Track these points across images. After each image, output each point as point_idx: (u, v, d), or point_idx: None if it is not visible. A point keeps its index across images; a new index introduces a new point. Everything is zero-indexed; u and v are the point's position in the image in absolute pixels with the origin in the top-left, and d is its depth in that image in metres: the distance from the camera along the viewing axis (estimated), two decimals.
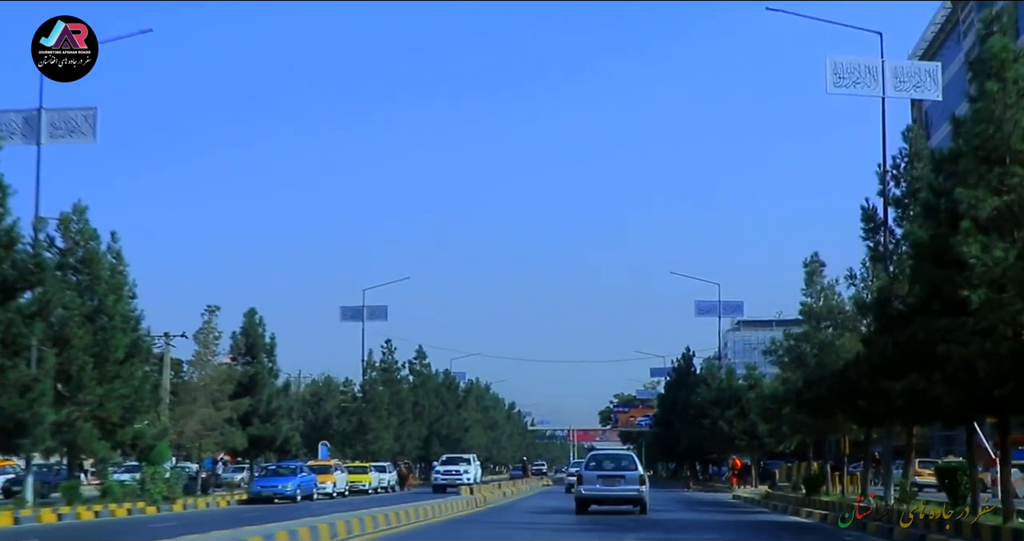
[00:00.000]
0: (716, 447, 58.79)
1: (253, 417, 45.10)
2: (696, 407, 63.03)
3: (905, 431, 30.92)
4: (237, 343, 46.16)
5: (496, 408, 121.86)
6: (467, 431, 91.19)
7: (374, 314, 68.41)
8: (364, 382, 66.96)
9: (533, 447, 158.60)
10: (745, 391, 55.50)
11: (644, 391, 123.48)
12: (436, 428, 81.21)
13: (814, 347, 34.66)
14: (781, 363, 39.04)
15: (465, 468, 52.84)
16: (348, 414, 66.91)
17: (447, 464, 54.54)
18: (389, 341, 71.61)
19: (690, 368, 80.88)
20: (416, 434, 73.52)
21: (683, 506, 36.84)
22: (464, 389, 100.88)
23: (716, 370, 64.98)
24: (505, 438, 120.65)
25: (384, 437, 65.47)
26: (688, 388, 73.58)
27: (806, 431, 37.34)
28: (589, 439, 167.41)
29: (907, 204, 30.06)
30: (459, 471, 51.98)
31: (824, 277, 38.20)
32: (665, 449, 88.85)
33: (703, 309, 67.21)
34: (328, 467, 46.44)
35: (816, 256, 38.75)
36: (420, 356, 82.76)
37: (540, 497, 43.85)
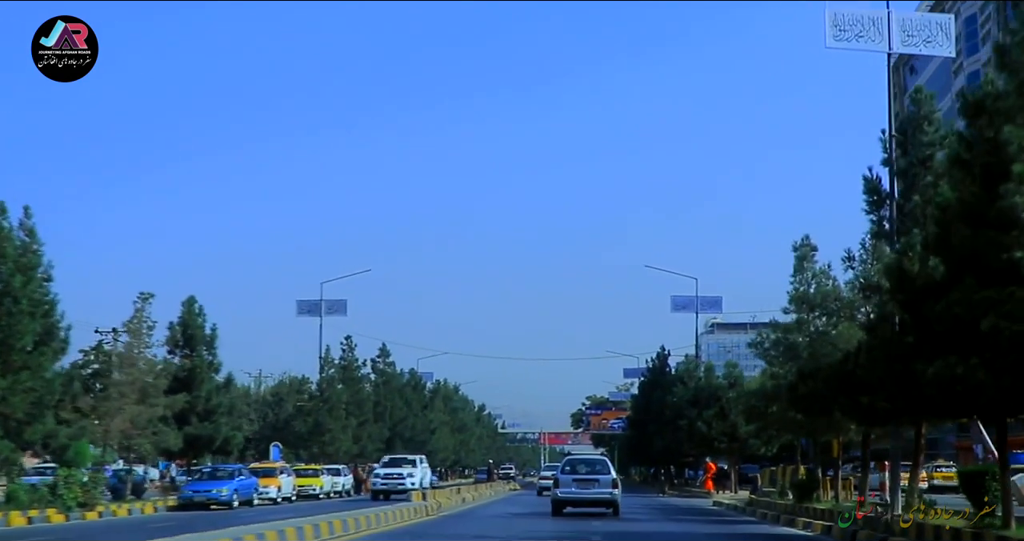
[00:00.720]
0: (693, 450, 55.06)
1: (191, 415, 41.11)
2: (672, 408, 59.41)
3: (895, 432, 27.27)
4: (173, 334, 42.09)
5: (465, 410, 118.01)
6: (433, 433, 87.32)
7: (333, 308, 64.41)
8: (321, 380, 62.86)
9: (503, 450, 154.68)
10: (725, 390, 51.86)
11: (617, 393, 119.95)
12: (400, 430, 77.28)
13: (807, 337, 31.07)
14: (768, 357, 35.49)
15: (409, 471, 44.41)
16: (304, 414, 62.83)
17: (389, 466, 45.98)
18: (349, 337, 67.67)
19: (665, 368, 77.34)
20: (377, 436, 69.50)
21: (660, 514, 33.11)
22: (431, 390, 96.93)
23: (694, 368, 61.34)
24: (474, 441, 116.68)
25: (342, 439, 61.47)
26: (663, 388, 70.08)
27: (798, 431, 33.58)
28: (561, 442, 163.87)
29: (916, 173, 26.59)
30: (401, 475, 43.85)
31: (816, 262, 34.79)
32: (639, 452, 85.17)
33: (679, 304, 63.63)
34: (272, 470, 42.45)
35: (807, 239, 35.25)
36: (383, 354, 78.87)
37: (504, 503, 39.91)
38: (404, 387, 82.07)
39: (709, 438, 51.41)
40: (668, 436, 60.72)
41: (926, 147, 26.51)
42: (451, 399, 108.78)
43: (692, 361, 62.60)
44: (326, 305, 64.12)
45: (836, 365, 26.82)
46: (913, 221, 26.14)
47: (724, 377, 53.14)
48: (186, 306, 42.68)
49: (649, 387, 77.84)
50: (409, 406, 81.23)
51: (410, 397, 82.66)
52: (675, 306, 63.61)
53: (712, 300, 64.13)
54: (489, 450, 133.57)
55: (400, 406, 78.47)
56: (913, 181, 26.65)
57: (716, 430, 51.11)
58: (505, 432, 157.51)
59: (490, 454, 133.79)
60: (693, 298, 63.24)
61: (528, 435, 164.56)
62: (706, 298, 63.70)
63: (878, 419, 25.64)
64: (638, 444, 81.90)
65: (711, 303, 63.99)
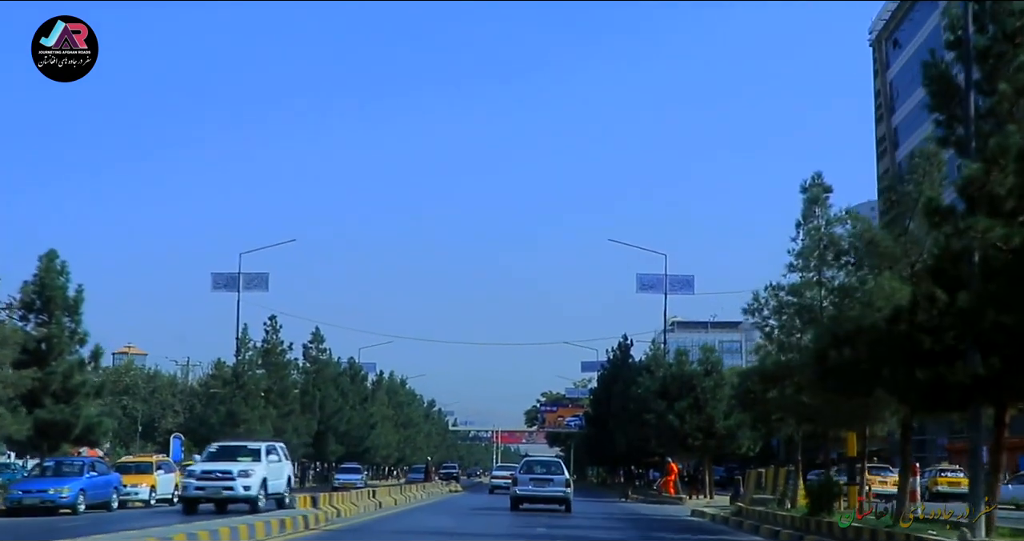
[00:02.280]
0: (662, 448, 46.79)
1: (43, 396, 32.48)
2: (637, 400, 51.37)
3: (975, 417, 19.28)
4: (26, 294, 33.35)
5: (412, 405, 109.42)
6: (373, 428, 78.82)
7: (253, 283, 55.78)
8: (238, 363, 54.11)
9: (454, 448, 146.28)
10: (700, 378, 43.89)
11: (574, 390, 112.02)
12: (333, 423, 68.75)
13: (832, 294, 23.11)
14: (766, 327, 27.59)
15: (244, 467, 26.21)
16: (216, 402, 54.16)
17: (215, 459, 27.35)
18: (274, 318, 58.99)
19: (627, 359, 69.53)
20: (305, 428, 60.90)
21: (629, 527, 25.03)
22: (373, 382, 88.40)
23: (662, 355, 53.31)
24: (421, 438, 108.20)
25: (259, 430, 52.78)
26: (626, 381, 62.21)
27: (815, 418, 25.30)
28: (515, 441, 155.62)
29: (1001, 54, 18.61)
30: (230, 473, 25.88)
31: (830, 206, 27.00)
32: (597, 452, 77.05)
33: (646, 284, 55.45)
34: (146, 465, 33.94)
35: (819, 178, 27.45)
36: (317, 339, 70.21)
37: (429, 511, 31.20)
38: (340, 377, 73.44)
39: (681, 434, 43.34)
40: (632, 433, 52.75)
41: (1017, 17, 18.60)
42: (397, 393, 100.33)
43: (660, 347, 54.54)
44: (245, 279, 55.49)
45: (883, 325, 18.92)
46: (997, 120, 18.29)
47: (699, 364, 45.07)
48: (44, 262, 33.92)
49: (610, 380, 69.95)
50: (345, 397, 72.69)
51: (347, 388, 74.07)
52: (641, 285, 55.45)
53: (683, 279, 56.01)
54: (439, 448, 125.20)
55: (334, 397, 69.97)
56: (995, 66, 18.71)
57: (690, 424, 43.09)
58: (456, 430, 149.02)
59: (440, 452, 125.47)
60: (661, 277, 55.18)
61: (481, 433, 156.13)
62: (676, 277, 55.65)
63: (947, 399, 17.69)
64: (597, 443, 73.90)
65: (682, 283, 55.83)
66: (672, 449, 45.80)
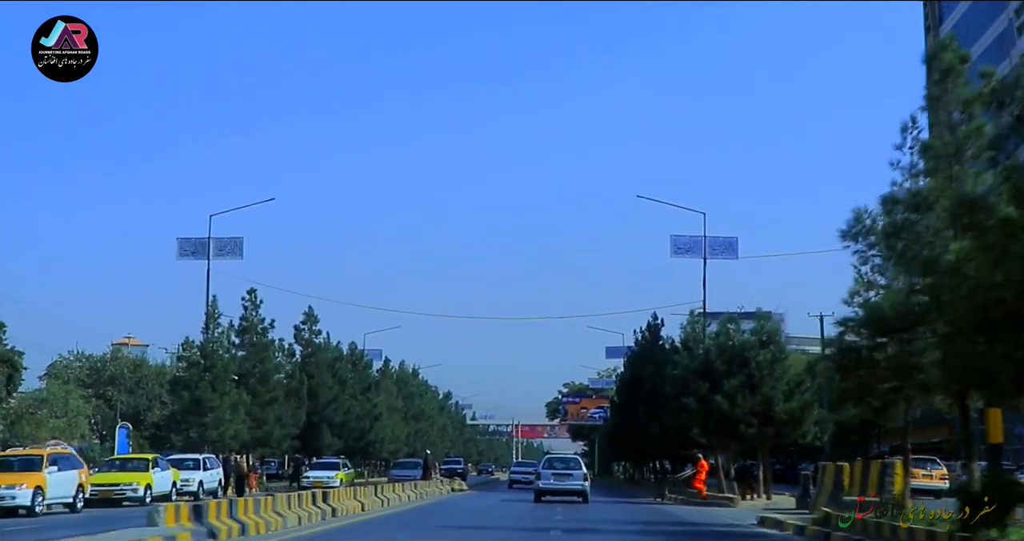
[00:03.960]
0: (710, 437, 37.70)
1: None
2: (674, 383, 42.61)
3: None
4: None
5: (425, 397, 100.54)
6: (377, 420, 70.20)
7: (224, 249, 47.43)
8: (206, 342, 45.61)
9: (473, 443, 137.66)
10: (755, 349, 35.15)
11: (597, 380, 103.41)
12: (328, 413, 60.31)
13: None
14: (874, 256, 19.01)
15: None
16: (180, 387, 45.78)
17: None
18: (253, 291, 50.29)
19: (657, 340, 60.73)
20: (291, 420, 52.53)
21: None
22: (379, 369, 79.89)
23: (702, 329, 44.50)
24: (435, 432, 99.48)
25: (230, 420, 44.52)
26: (657, 363, 53.52)
27: (997, 380, 16.28)
28: (536, 436, 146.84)
29: None
30: None
31: (967, 83, 18.52)
32: (624, 445, 68.17)
33: (682, 247, 46.70)
34: (31, 460, 25.49)
35: (952, 41, 18.89)
36: (310, 319, 61.71)
37: (395, 523, 22.47)
38: (337, 362, 64.91)
39: (732, 419, 34.59)
40: (667, 421, 43.99)
41: None
42: (407, 383, 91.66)
43: (699, 320, 45.70)
44: (217, 245, 47.15)
45: None
46: None
47: (753, 332, 36.25)
48: None
49: (639, 363, 61.06)
50: (343, 385, 64.24)
51: (345, 375, 65.60)
52: (676, 249, 46.67)
53: (724, 242, 47.21)
54: (455, 443, 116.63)
55: (330, 384, 61.51)
56: None
57: (742, 408, 34.34)
58: (475, 424, 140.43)
59: (456, 448, 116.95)
60: (699, 239, 46.47)
61: (501, 427, 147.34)
62: (717, 239, 46.90)
63: None
64: (624, 435, 65.09)
65: (723, 246, 47.03)
66: (719, 439, 37.02)
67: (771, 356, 34.59)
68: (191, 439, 43.49)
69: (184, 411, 44.50)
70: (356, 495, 26.19)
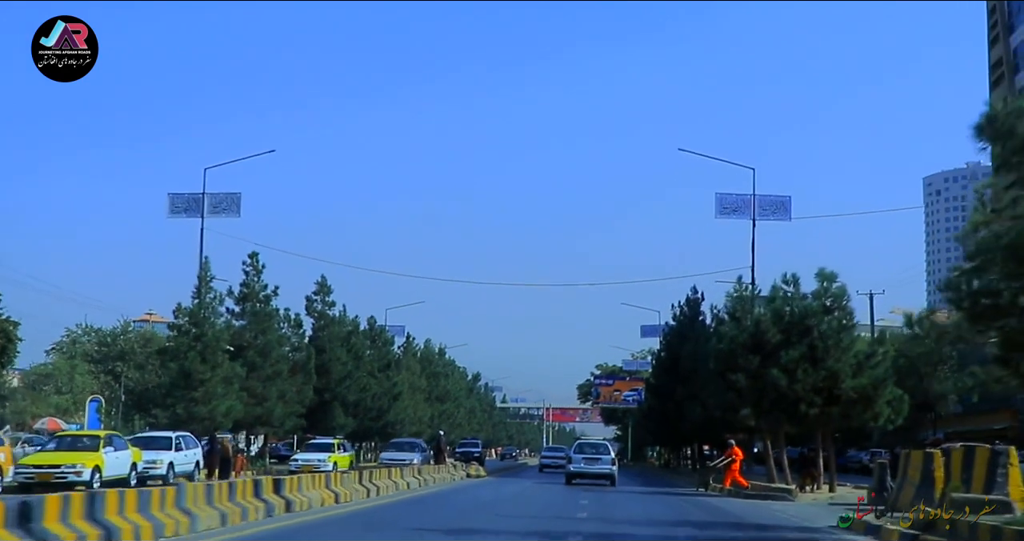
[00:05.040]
0: (763, 418, 31.82)
1: None
2: (721, 357, 37.05)
3: None
4: None
5: (452, 377, 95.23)
6: (396, 399, 64.98)
7: (220, 206, 42.37)
8: (196, 308, 40.42)
9: (503, 427, 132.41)
10: (819, 315, 29.53)
11: (631, 362, 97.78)
12: (341, 391, 55.21)
13: None
14: None
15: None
16: (167, 358, 40.74)
17: None
18: (255, 255, 45.08)
19: (697, 315, 55.25)
20: (296, 397, 47.38)
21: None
22: (400, 346, 74.66)
23: (750, 298, 38.80)
24: (462, 414, 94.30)
25: (222, 395, 39.41)
26: (697, 340, 48.18)
27: None
28: (568, 420, 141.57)
29: None
30: None
31: None
32: (660, 428, 62.64)
33: (729, 206, 41.14)
34: None
35: None
36: (323, 290, 56.61)
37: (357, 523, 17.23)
38: (352, 336, 59.72)
39: (790, 398, 29.01)
40: (711, 401, 38.47)
41: None
42: (432, 362, 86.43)
43: (746, 287, 39.99)
44: (212, 201, 42.10)
45: None
46: None
47: (815, 297, 30.55)
48: None
49: (677, 340, 55.66)
50: (359, 362, 59.10)
51: (362, 350, 60.45)
52: (722, 208, 41.04)
53: (775, 201, 41.52)
54: (483, 426, 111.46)
55: (344, 360, 56.38)
56: None
57: (804, 384, 28.75)
58: (505, 406, 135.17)
59: (485, 431, 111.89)
60: (748, 197, 40.86)
61: (532, 411, 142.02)
62: (767, 198, 41.25)
63: None
64: (660, 417, 59.65)
65: (774, 205, 41.35)
66: (773, 420, 31.41)
67: (837, 323, 28.95)
68: (178, 415, 38.46)
69: (171, 384, 39.47)
70: (333, 483, 20.90)
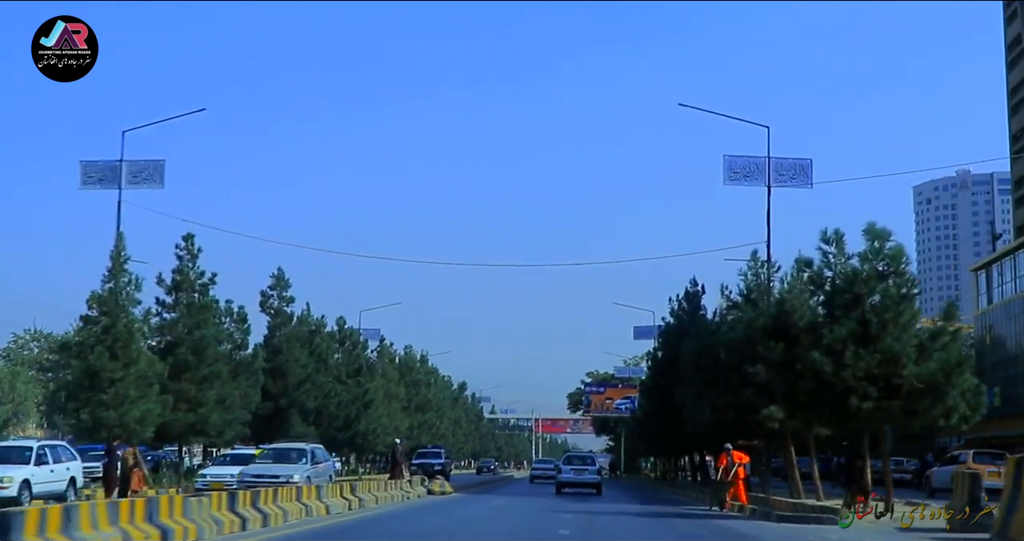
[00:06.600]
0: (800, 416, 24.24)
1: None
2: (734, 347, 29.96)
3: None
4: None
5: (434, 386, 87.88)
6: (367, 408, 57.67)
7: (141, 175, 35.15)
8: (108, 295, 33.09)
9: (491, 438, 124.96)
10: (873, 282, 22.33)
11: (624, 368, 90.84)
12: (299, 397, 48.05)
13: None
14: None
15: None
16: (70, 355, 33.41)
17: None
18: (190, 237, 37.81)
19: (698, 309, 48.31)
20: (238, 402, 40.05)
21: None
22: (374, 350, 67.44)
23: (766, 274, 31.62)
24: (445, 425, 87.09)
25: (136, 398, 32.07)
26: (699, 334, 41.17)
27: None
28: (558, 431, 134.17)
29: None
30: None
31: None
32: (657, 436, 55.25)
33: (739, 170, 34.06)
34: None
35: None
36: (279, 284, 49.48)
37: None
38: (314, 336, 52.53)
39: (837, 388, 21.79)
40: (722, 400, 31.37)
41: None
42: (412, 370, 79.22)
43: (763, 265, 32.77)
44: (131, 169, 34.90)
45: None
46: None
47: (863, 259, 23.24)
48: None
49: (675, 337, 48.48)
50: (323, 365, 52.01)
51: (325, 353, 53.31)
52: (731, 173, 33.83)
53: (793, 165, 34.35)
54: (469, 438, 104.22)
55: (303, 362, 49.27)
56: None
57: (855, 369, 21.53)
58: (494, 418, 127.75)
59: (471, 442, 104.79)
60: (762, 160, 33.79)
61: (521, 422, 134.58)
62: (784, 161, 34.17)
63: None
64: (656, 424, 52.40)
65: (792, 169, 34.23)
66: (810, 418, 24.14)
67: (896, 292, 21.78)
68: (82, 422, 31.18)
69: (75, 385, 32.20)
70: (227, 506, 13.68)
